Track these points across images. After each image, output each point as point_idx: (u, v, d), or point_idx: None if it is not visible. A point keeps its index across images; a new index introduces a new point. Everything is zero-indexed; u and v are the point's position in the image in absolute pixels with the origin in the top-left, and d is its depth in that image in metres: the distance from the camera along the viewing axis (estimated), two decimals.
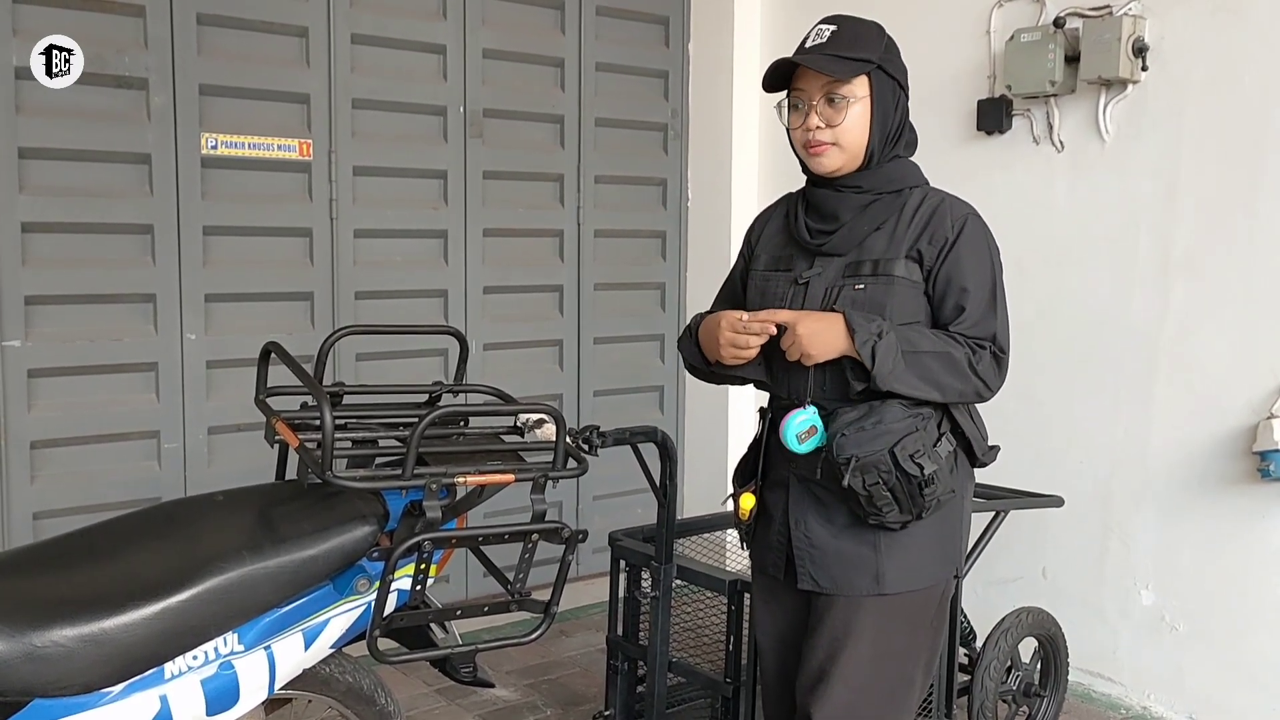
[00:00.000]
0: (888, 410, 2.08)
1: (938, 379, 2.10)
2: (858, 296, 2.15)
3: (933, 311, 2.17)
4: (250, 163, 3.91)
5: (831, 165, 2.18)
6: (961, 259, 2.14)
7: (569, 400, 4.78)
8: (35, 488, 3.63)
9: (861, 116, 2.16)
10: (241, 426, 3.90)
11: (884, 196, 2.19)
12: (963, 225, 2.16)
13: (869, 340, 2.06)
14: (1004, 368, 2.18)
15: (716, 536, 3.55)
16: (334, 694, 2.27)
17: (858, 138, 2.16)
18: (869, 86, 2.15)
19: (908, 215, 2.17)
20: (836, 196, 2.20)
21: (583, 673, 3.97)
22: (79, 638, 1.82)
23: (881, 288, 2.14)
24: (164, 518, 2.16)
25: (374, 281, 4.21)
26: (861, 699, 2.18)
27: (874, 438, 2.06)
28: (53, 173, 3.57)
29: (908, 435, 2.07)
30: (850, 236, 2.19)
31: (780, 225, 2.34)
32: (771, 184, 4.81)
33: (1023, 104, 3.93)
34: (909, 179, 2.22)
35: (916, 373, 2.08)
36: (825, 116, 2.15)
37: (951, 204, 2.20)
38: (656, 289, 5.04)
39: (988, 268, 2.18)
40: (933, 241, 2.15)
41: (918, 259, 2.15)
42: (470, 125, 4.37)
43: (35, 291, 3.56)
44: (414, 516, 2.11)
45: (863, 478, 2.06)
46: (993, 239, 2.22)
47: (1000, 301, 2.19)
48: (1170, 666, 3.67)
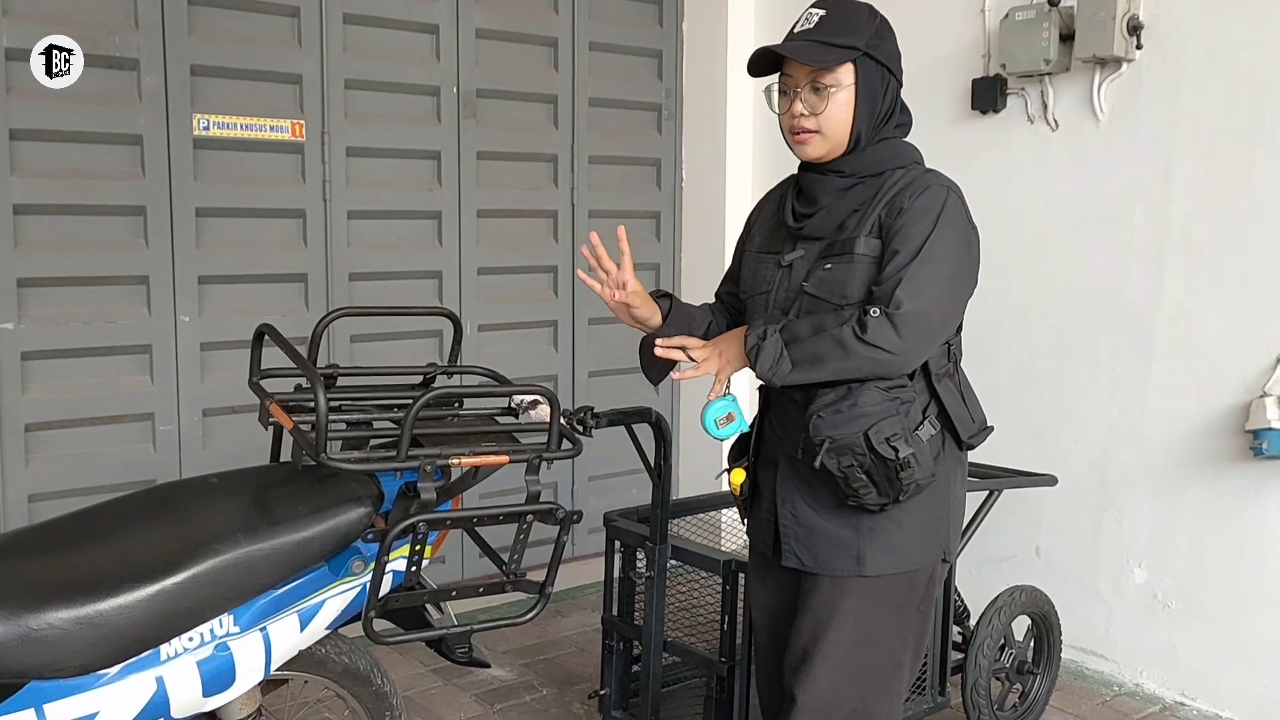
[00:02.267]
0: (864, 393, 2.07)
1: (830, 363, 2.06)
2: (825, 276, 2.14)
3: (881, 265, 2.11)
4: (243, 144, 3.89)
5: (815, 152, 2.17)
6: (905, 225, 2.08)
7: (564, 381, 4.78)
8: (30, 470, 3.63)
9: (846, 104, 2.13)
10: (236, 409, 3.90)
11: (865, 179, 2.16)
12: (920, 194, 2.09)
13: (753, 346, 2.11)
14: (909, 326, 2.03)
15: (711, 517, 3.55)
16: (330, 675, 2.28)
17: (841, 125, 2.14)
18: (854, 74, 2.13)
19: (883, 195, 2.13)
20: (819, 180, 2.19)
21: (578, 652, 3.99)
22: (75, 620, 1.83)
23: (844, 266, 2.12)
24: (159, 500, 2.16)
25: (368, 263, 4.20)
26: (845, 680, 2.19)
27: (849, 420, 2.06)
28: (44, 155, 3.55)
29: (884, 419, 2.06)
30: (828, 220, 2.18)
31: (774, 208, 2.34)
32: (766, 164, 4.80)
33: (1017, 83, 3.92)
34: (894, 160, 2.18)
35: (806, 363, 2.07)
36: (810, 104, 2.14)
37: (922, 177, 2.14)
38: (651, 269, 5.03)
39: (924, 232, 2.07)
40: (890, 214, 2.11)
41: (879, 234, 2.11)
42: (464, 105, 4.36)
43: (28, 274, 3.55)
44: (409, 498, 2.11)
45: (837, 460, 2.06)
46: (956, 211, 2.11)
47: (928, 265, 2.06)
48: (1163, 644, 3.69)
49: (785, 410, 2.25)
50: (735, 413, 2.15)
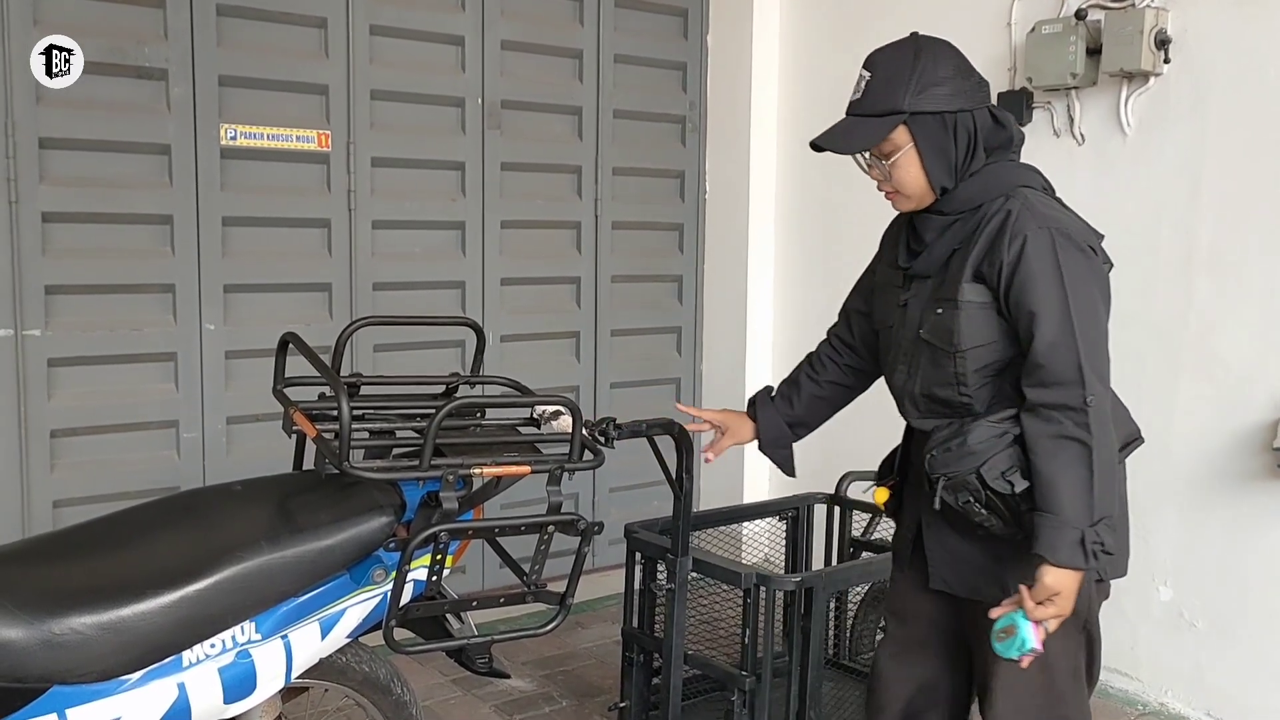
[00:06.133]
0: (974, 430, 2.08)
1: (1107, 484, 2.03)
2: (937, 321, 2.14)
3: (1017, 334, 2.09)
4: (269, 154, 3.92)
5: (907, 208, 2.21)
6: (1024, 281, 2.04)
7: (586, 392, 4.78)
8: (55, 476, 3.65)
9: (912, 164, 2.12)
10: (260, 416, 3.91)
11: (964, 215, 2.15)
12: (1021, 245, 2.04)
13: (1092, 553, 1.99)
14: (1101, 402, 2.02)
15: (733, 529, 3.54)
16: (350, 683, 2.28)
17: (915, 183, 2.14)
18: (909, 133, 2.11)
19: (981, 234, 2.11)
20: (924, 218, 2.20)
21: (598, 664, 3.98)
22: (97, 625, 1.84)
23: (950, 312, 2.12)
24: (182, 507, 2.18)
25: (392, 273, 4.22)
26: (1027, 704, 2.19)
27: (959, 458, 2.07)
28: (73, 163, 3.58)
29: (995, 454, 2.05)
30: (931, 259, 2.19)
31: (894, 236, 2.36)
32: (790, 176, 4.79)
33: (1043, 96, 3.90)
34: (988, 192, 2.13)
35: (1104, 501, 2.01)
36: (880, 172, 2.17)
37: (1016, 219, 2.08)
38: (674, 281, 5.03)
39: (1055, 286, 2.02)
40: (992, 264, 2.08)
41: (983, 279, 2.10)
42: (488, 117, 4.37)
43: (55, 281, 3.58)
44: (430, 507, 2.12)
45: (954, 495, 2.08)
46: (1069, 252, 2.05)
47: (1080, 322, 2.02)
48: (1189, 663, 3.65)
49: (914, 441, 2.29)
50: (1016, 625, 2.01)
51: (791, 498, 3.52)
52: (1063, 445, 1.99)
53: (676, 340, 5.05)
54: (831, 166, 4.63)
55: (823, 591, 2.77)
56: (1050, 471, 1.99)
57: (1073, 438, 1.99)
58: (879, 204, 2.27)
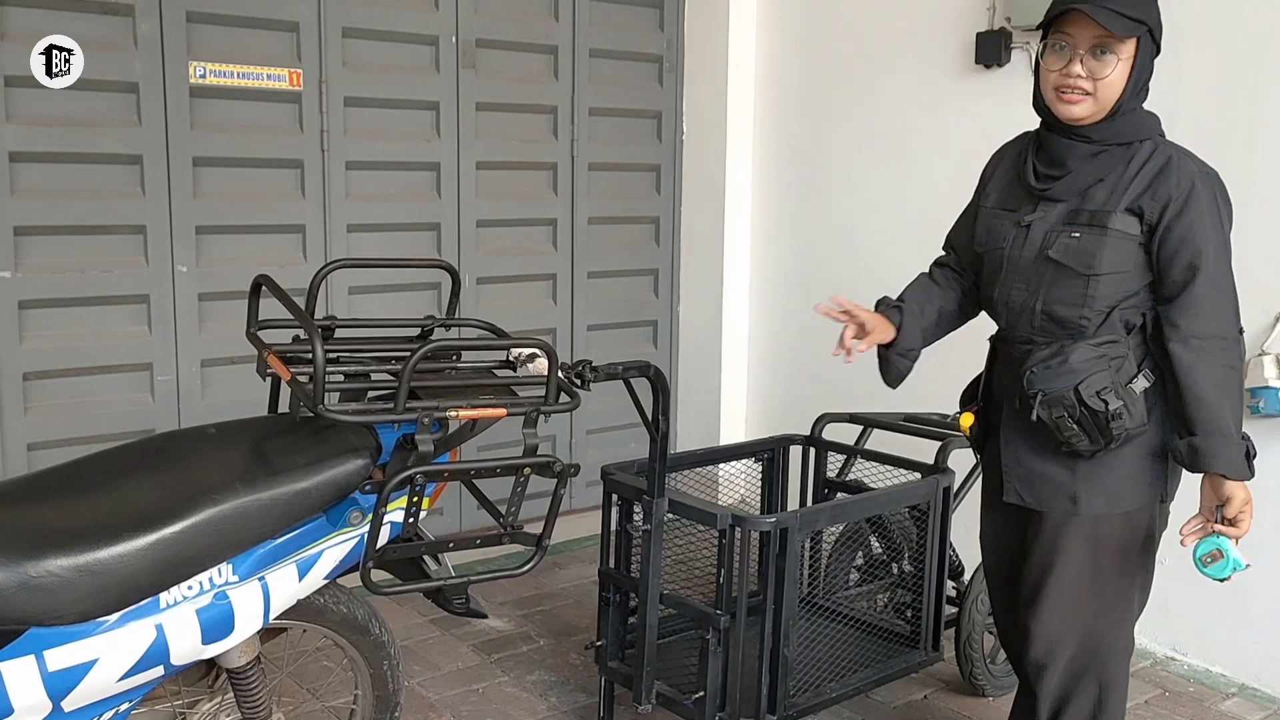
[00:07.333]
0: (1075, 350, 2.22)
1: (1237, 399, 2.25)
2: (1071, 244, 2.26)
3: (1159, 267, 2.24)
4: (239, 92, 3.86)
5: (1081, 114, 2.25)
6: (1193, 221, 2.20)
7: (562, 335, 4.78)
8: (29, 419, 3.63)
9: (1123, 74, 2.22)
10: (234, 359, 3.89)
11: (1112, 148, 2.26)
12: (1191, 185, 2.21)
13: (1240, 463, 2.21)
14: (1241, 335, 2.29)
15: (709, 471, 3.56)
16: (328, 624, 2.30)
17: (1114, 92, 2.23)
18: (1135, 46, 2.21)
19: (1134, 169, 2.24)
20: (1066, 144, 2.29)
21: (575, 604, 4.02)
22: (74, 567, 1.84)
23: (1094, 238, 2.24)
24: (157, 450, 2.17)
25: (366, 214, 4.18)
26: (1071, 614, 2.38)
27: (1058, 375, 2.22)
28: (39, 102, 3.51)
29: (1094, 374, 2.20)
30: (1074, 184, 2.28)
31: (1011, 165, 2.45)
32: (767, 117, 4.76)
33: (1022, 36, 3.87)
34: (1140, 131, 2.27)
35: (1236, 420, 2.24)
36: (1091, 68, 2.22)
37: (1180, 161, 2.24)
38: (651, 223, 5.01)
39: (1217, 229, 2.22)
40: (1156, 198, 2.21)
41: (1138, 214, 2.22)
42: (463, 55, 4.31)
43: (24, 222, 3.53)
44: (406, 450, 2.12)
45: (1049, 410, 2.23)
46: (1224, 201, 2.26)
47: (1229, 265, 2.27)
48: (1156, 599, 3.69)
49: (1009, 361, 2.40)
50: (1223, 551, 2.23)
51: (767, 439, 3.54)
52: (1224, 373, 2.21)
53: (654, 282, 5.04)
54: (810, 106, 4.62)
55: (798, 532, 2.80)
56: (1214, 397, 2.19)
57: (1230, 365, 2.22)
58: (858, 144, 2.27)
